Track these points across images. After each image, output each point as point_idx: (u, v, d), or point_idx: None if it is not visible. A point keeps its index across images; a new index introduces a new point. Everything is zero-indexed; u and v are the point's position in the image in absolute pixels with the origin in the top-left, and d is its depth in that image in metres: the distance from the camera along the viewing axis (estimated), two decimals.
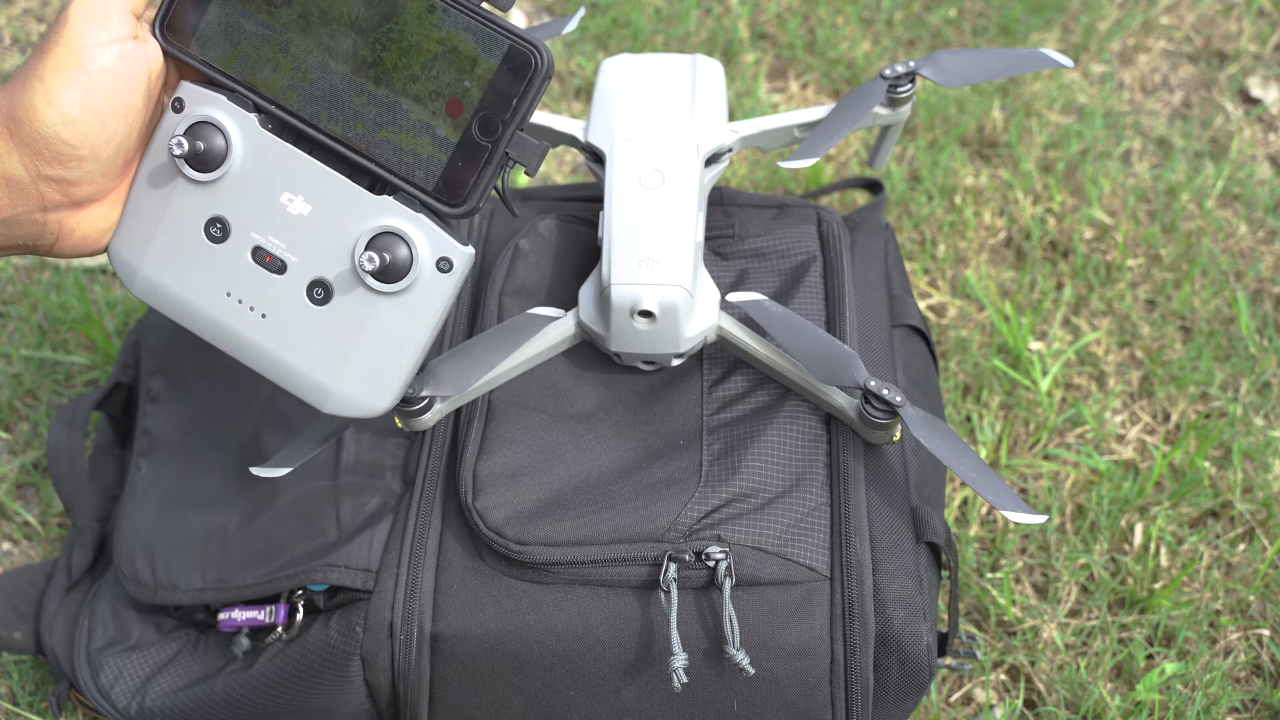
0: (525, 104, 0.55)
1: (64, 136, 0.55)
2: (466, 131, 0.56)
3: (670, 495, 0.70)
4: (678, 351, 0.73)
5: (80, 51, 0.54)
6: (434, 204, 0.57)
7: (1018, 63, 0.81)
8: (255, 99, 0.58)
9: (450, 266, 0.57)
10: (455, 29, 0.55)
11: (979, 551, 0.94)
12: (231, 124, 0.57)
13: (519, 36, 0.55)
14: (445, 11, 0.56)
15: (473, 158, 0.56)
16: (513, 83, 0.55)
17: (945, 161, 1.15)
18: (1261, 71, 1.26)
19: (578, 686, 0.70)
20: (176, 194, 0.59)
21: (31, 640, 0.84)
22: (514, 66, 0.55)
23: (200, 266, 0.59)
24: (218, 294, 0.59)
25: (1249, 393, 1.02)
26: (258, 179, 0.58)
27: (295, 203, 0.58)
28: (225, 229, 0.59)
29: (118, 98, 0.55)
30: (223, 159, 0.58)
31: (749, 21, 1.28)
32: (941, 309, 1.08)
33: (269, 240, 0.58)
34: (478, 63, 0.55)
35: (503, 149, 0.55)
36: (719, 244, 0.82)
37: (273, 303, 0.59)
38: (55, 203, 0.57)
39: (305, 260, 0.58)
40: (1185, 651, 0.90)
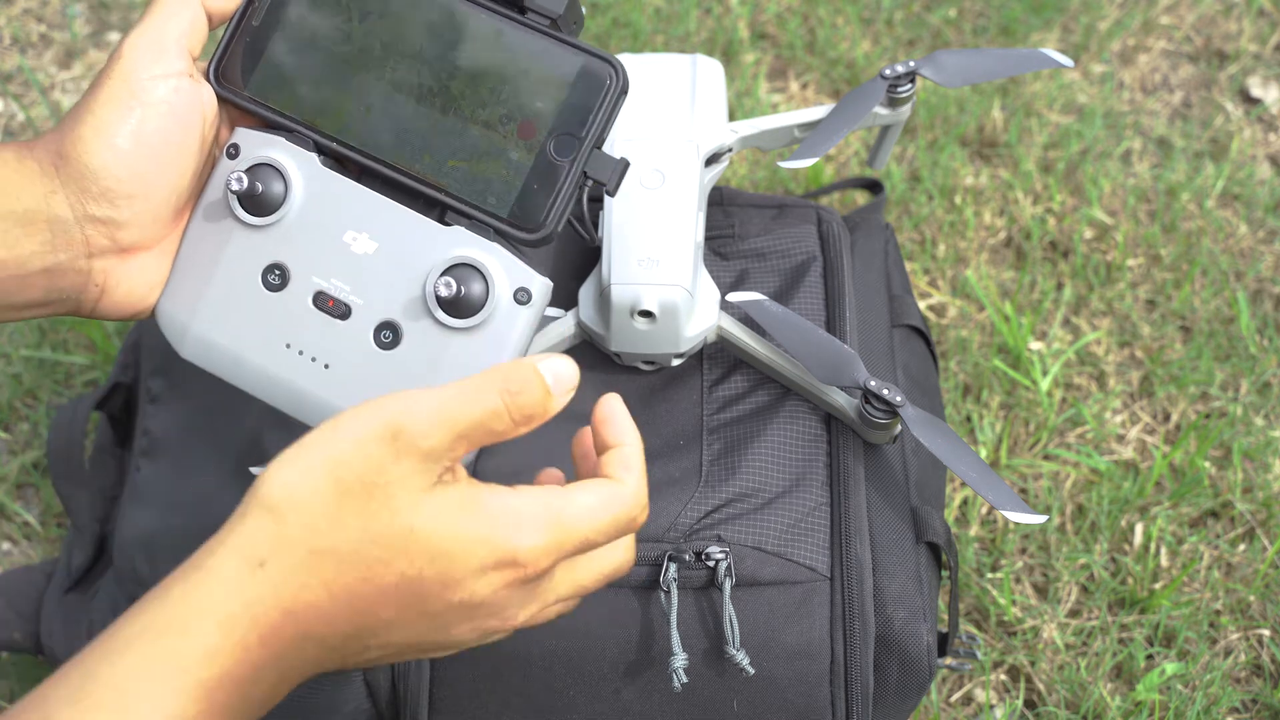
0: (603, 119, 0.53)
1: (113, 170, 0.52)
2: (541, 153, 0.53)
3: (670, 495, 0.70)
4: (678, 351, 0.73)
5: (134, 83, 0.52)
6: (509, 231, 0.54)
7: (1018, 63, 0.81)
8: (315, 138, 0.55)
9: (529, 298, 0.54)
10: (526, 50, 0.53)
11: (979, 551, 0.94)
12: (291, 164, 0.55)
13: (592, 52, 0.53)
14: (513, 33, 0.54)
15: (548, 180, 0.53)
16: (588, 99, 0.53)
17: (945, 161, 1.15)
18: (1262, 71, 1.26)
19: (578, 686, 0.70)
20: (231, 242, 0.55)
21: (31, 641, 0.84)
22: (588, 82, 0.53)
23: (257, 318, 0.55)
24: (276, 346, 0.55)
25: (1249, 393, 1.02)
26: (319, 219, 0.55)
27: (359, 241, 0.54)
28: (284, 275, 0.55)
29: (172, 133, 0.53)
30: (281, 202, 0.55)
31: (749, 21, 1.28)
32: (941, 309, 1.08)
33: (332, 284, 0.55)
34: (550, 82, 0.53)
35: (580, 168, 0.53)
36: (719, 244, 0.82)
37: (337, 351, 0.55)
38: (101, 248, 0.53)
39: (372, 302, 0.54)
40: (1185, 652, 0.90)
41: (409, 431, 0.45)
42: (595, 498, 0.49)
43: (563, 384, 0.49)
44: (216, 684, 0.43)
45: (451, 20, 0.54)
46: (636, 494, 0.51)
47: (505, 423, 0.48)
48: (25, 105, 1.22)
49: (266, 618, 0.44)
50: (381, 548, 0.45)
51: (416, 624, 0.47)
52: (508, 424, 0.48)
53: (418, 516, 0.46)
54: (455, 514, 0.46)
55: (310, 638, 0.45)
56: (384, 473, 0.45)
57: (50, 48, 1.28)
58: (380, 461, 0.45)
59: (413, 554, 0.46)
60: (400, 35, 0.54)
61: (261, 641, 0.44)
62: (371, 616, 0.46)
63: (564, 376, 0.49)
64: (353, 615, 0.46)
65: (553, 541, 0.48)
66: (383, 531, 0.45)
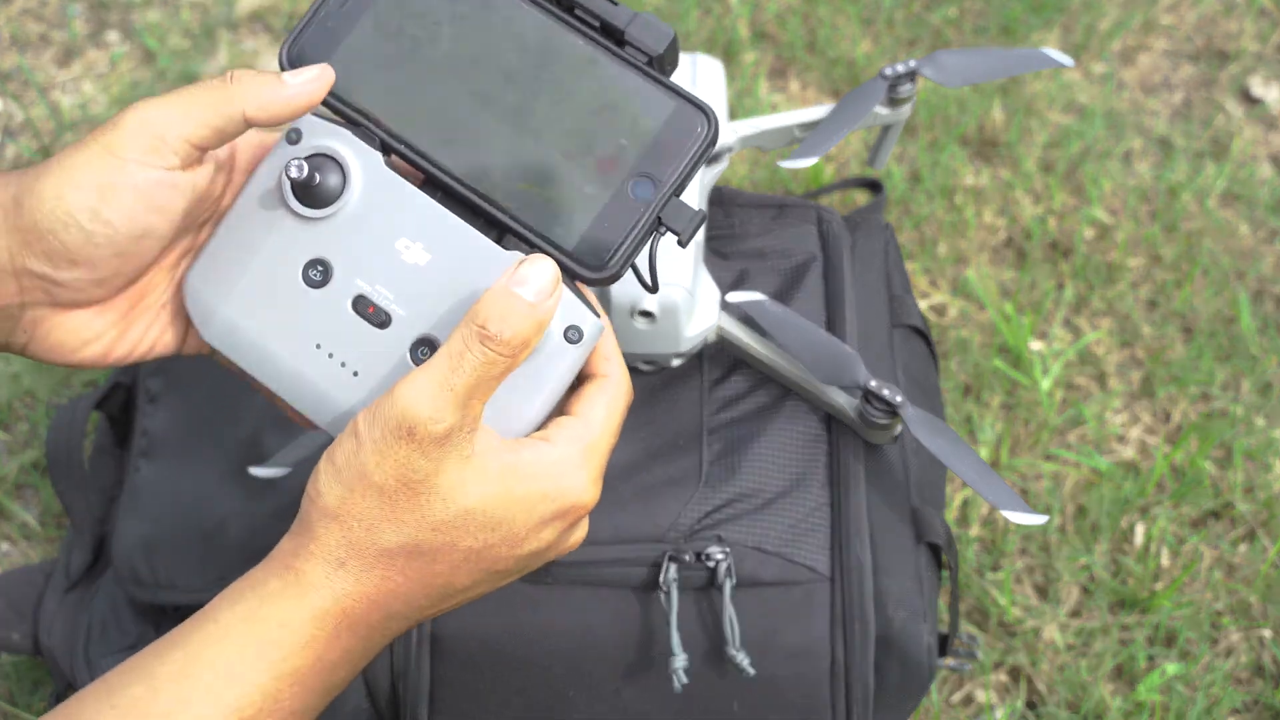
0: (687, 168, 0.50)
1: (62, 237, 0.48)
2: (618, 192, 0.51)
3: (670, 495, 0.70)
4: (678, 351, 0.73)
5: (114, 159, 0.48)
6: (571, 266, 0.51)
7: (1018, 62, 0.81)
8: (384, 137, 0.52)
9: (579, 337, 0.51)
10: (618, 84, 0.51)
11: (979, 552, 0.94)
12: (353, 159, 0.52)
13: (687, 97, 0.51)
14: (608, 65, 0.51)
15: (621, 221, 0.50)
16: (676, 144, 0.50)
17: (945, 161, 1.15)
18: (1263, 71, 1.26)
19: (578, 687, 0.70)
20: (277, 230, 0.52)
21: (30, 641, 0.84)
22: (679, 128, 0.50)
23: (291, 312, 0.53)
24: (306, 345, 0.52)
25: (1250, 393, 1.02)
26: (374, 221, 0.52)
27: (412, 250, 0.51)
28: (327, 272, 0.52)
29: (139, 217, 0.49)
30: (336, 196, 0.52)
31: (749, 21, 1.28)
32: (942, 309, 1.08)
33: (375, 289, 0.52)
34: (639, 120, 0.51)
35: (654, 213, 0.50)
36: (719, 244, 0.82)
37: (369, 359, 0.52)
38: (35, 300, 0.50)
39: (414, 315, 0.51)
40: (1186, 652, 0.90)
41: (420, 423, 0.46)
42: (602, 406, 0.52)
43: (542, 290, 0.48)
44: (310, 669, 0.48)
45: (548, 40, 0.52)
46: (624, 378, 0.53)
47: (504, 363, 0.47)
48: (24, 105, 1.22)
49: (355, 609, 0.48)
50: (444, 533, 0.48)
51: (490, 579, 0.51)
52: (507, 362, 0.48)
53: (468, 497, 0.48)
54: (503, 483, 0.48)
55: (394, 616, 0.49)
56: (418, 469, 0.47)
57: (49, 47, 1.28)
58: (409, 461, 0.47)
59: (475, 529, 0.48)
60: (491, 45, 0.52)
61: (351, 629, 0.48)
62: (449, 586, 0.50)
63: (540, 281, 0.48)
64: (430, 591, 0.49)
65: (594, 470, 0.51)
66: (441, 519, 0.48)
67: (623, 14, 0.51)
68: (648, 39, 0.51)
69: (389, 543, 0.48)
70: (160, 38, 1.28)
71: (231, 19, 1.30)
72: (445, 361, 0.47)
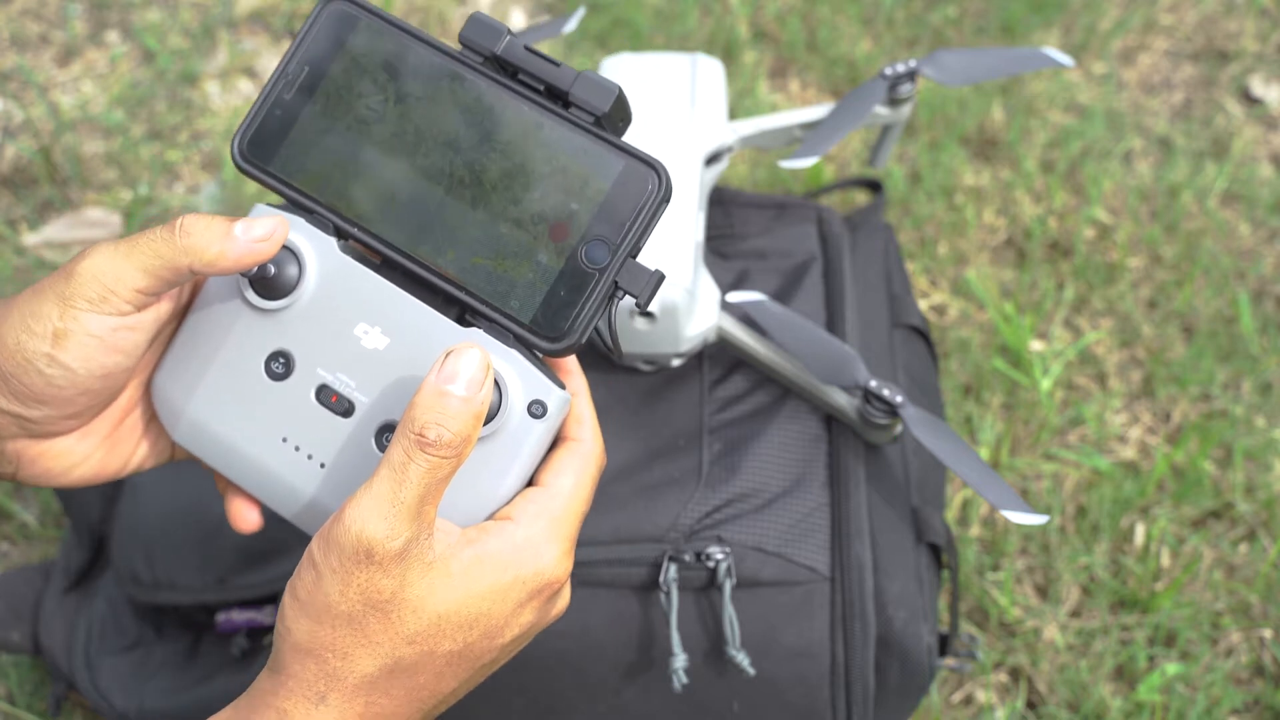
0: (640, 229, 0.49)
1: (23, 380, 0.48)
2: (571, 258, 0.50)
3: (670, 495, 0.70)
4: (678, 351, 0.73)
5: (68, 308, 0.48)
6: (529, 338, 0.50)
7: (1018, 62, 0.81)
8: (337, 221, 0.52)
9: (543, 411, 0.50)
10: (565, 147, 0.50)
11: (980, 552, 0.94)
12: (307, 247, 0.51)
13: (636, 155, 0.50)
14: (554, 128, 0.50)
15: (577, 287, 0.49)
16: (627, 205, 0.49)
17: (946, 161, 1.15)
18: (1263, 71, 1.26)
19: (578, 687, 0.69)
20: (237, 325, 0.52)
21: (29, 641, 0.83)
22: (629, 187, 0.49)
23: (256, 407, 0.52)
24: (271, 439, 0.52)
25: (1250, 393, 1.02)
26: (331, 308, 0.52)
27: (371, 335, 0.51)
28: (289, 364, 0.52)
29: (97, 359, 0.49)
30: (293, 286, 0.51)
31: (749, 21, 1.28)
32: (942, 309, 1.08)
33: (337, 378, 0.51)
34: (588, 183, 0.50)
35: (611, 277, 0.49)
36: (719, 244, 0.82)
37: (334, 449, 0.52)
38: (12, 434, 0.51)
39: (377, 401, 0.51)
40: (1187, 652, 0.90)
41: (376, 543, 0.45)
42: (571, 474, 0.51)
43: (473, 380, 0.47)
44: None
45: (493, 108, 0.51)
46: (595, 444, 0.52)
47: (449, 464, 0.46)
48: (24, 105, 1.22)
49: None
50: (421, 644, 0.47)
51: (478, 674, 0.50)
52: (452, 463, 0.46)
53: (439, 603, 0.47)
54: (471, 578, 0.47)
55: None
56: (382, 589, 0.46)
57: (49, 47, 1.28)
58: (372, 582, 0.46)
59: (451, 632, 0.47)
60: (438, 119, 0.51)
61: None
62: (436, 694, 0.49)
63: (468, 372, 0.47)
64: (419, 702, 0.48)
65: (565, 542, 0.50)
66: (415, 631, 0.47)
67: (566, 75, 0.50)
68: (592, 98, 0.50)
69: (367, 669, 0.46)
70: (160, 38, 1.28)
71: (231, 19, 1.30)
72: (389, 475, 0.45)
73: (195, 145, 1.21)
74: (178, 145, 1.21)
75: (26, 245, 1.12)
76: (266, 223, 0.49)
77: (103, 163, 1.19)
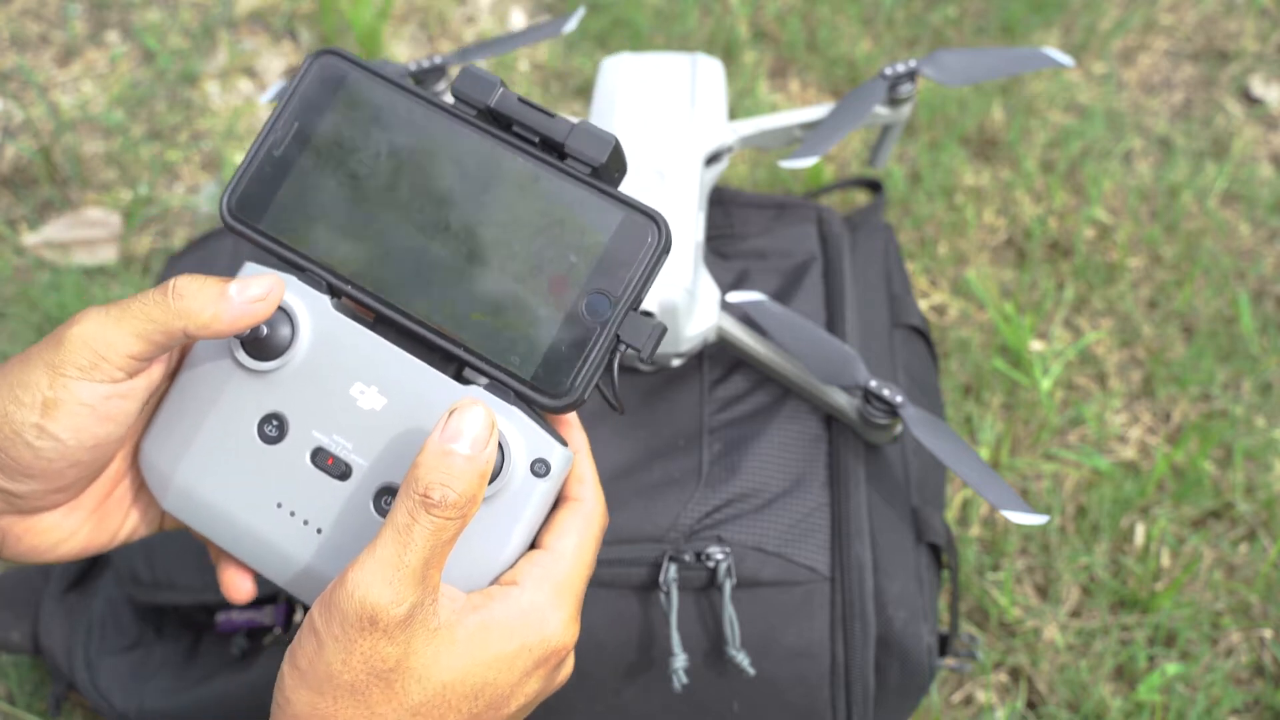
0: (641, 281, 0.48)
1: (10, 453, 0.47)
2: (572, 311, 0.48)
3: (670, 495, 0.70)
4: (678, 351, 0.73)
5: (58, 376, 0.46)
6: (531, 395, 0.48)
7: (1018, 62, 0.81)
8: (330, 279, 0.50)
9: (546, 470, 0.48)
10: (562, 200, 0.49)
11: (980, 552, 0.94)
12: (300, 306, 0.50)
13: (635, 206, 0.49)
14: (550, 180, 0.49)
15: (578, 342, 0.48)
16: (627, 257, 0.48)
17: (946, 161, 1.15)
18: (1263, 71, 1.26)
19: (578, 687, 0.69)
20: (229, 387, 0.51)
21: (29, 641, 0.83)
22: (629, 239, 0.48)
23: (248, 472, 0.50)
24: (266, 505, 0.50)
25: (1250, 393, 1.02)
26: (326, 368, 0.50)
27: (367, 395, 0.49)
28: (283, 426, 0.50)
29: (88, 429, 0.47)
30: (287, 346, 0.50)
31: (749, 21, 1.28)
32: (942, 309, 1.08)
33: (333, 440, 0.50)
34: (587, 235, 0.49)
35: (612, 331, 0.48)
36: (719, 244, 0.82)
37: (331, 514, 0.50)
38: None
39: (375, 463, 0.49)
40: (1187, 652, 0.90)
41: (381, 609, 0.43)
42: (574, 535, 0.49)
43: (478, 439, 0.45)
44: None
45: (488, 161, 0.50)
46: (598, 503, 0.50)
47: (454, 525, 0.45)
48: (24, 105, 1.22)
49: None
50: (426, 715, 0.45)
51: None
52: (457, 524, 0.45)
53: (444, 671, 0.45)
54: (477, 646, 0.46)
55: None
56: (386, 657, 0.44)
57: (49, 47, 1.28)
58: (376, 651, 0.44)
59: (457, 702, 0.46)
60: (431, 173, 0.50)
61: None
62: None
63: (473, 430, 0.45)
64: None
65: (571, 608, 0.48)
66: (420, 701, 0.45)
67: (561, 126, 0.49)
68: (589, 149, 0.49)
69: None
70: (160, 37, 1.28)
71: (231, 19, 1.30)
72: (394, 537, 0.44)
73: (195, 145, 1.21)
74: (178, 145, 1.21)
75: (26, 245, 1.12)
76: (262, 282, 0.48)
77: (103, 163, 1.19)
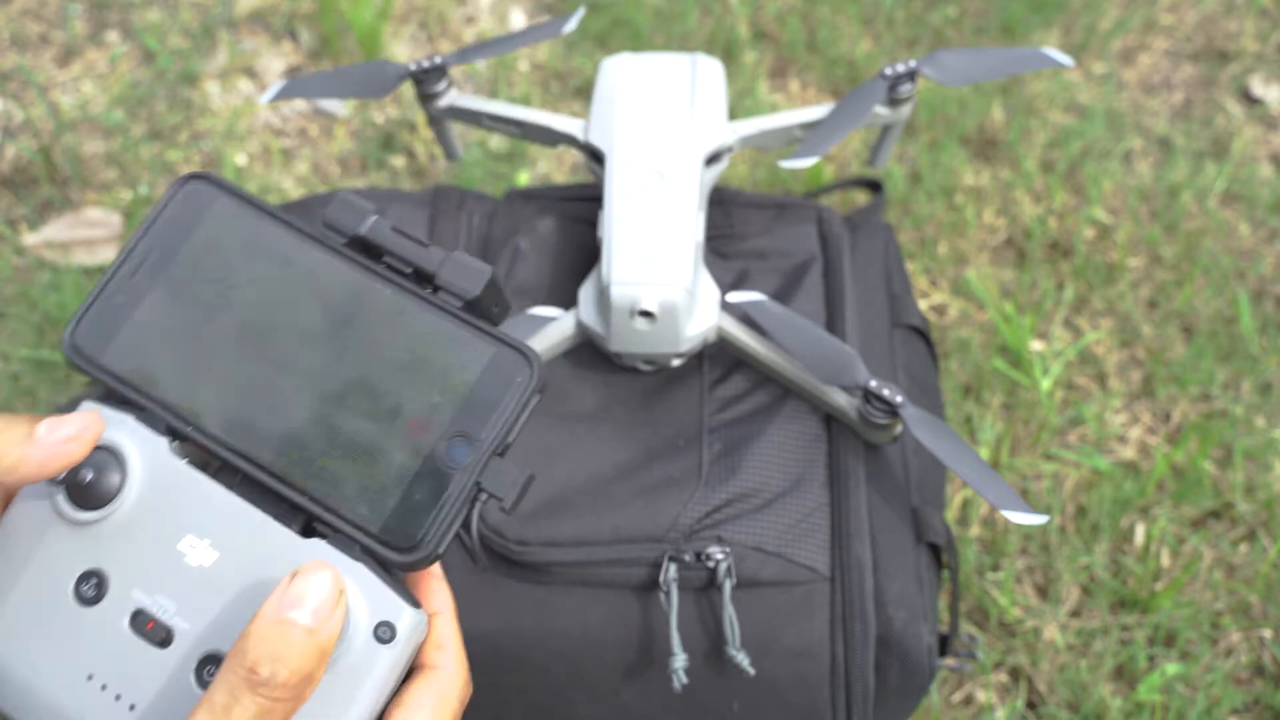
0: (506, 423, 0.44)
1: None
2: (430, 457, 0.44)
3: (670, 495, 0.70)
4: (678, 351, 0.73)
5: None
6: (377, 550, 0.43)
7: (1018, 62, 0.81)
8: (169, 419, 0.46)
9: (391, 635, 0.43)
10: (430, 334, 0.45)
11: (980, 552, 0.94)
12: (133, 449, 0.45)
13: (506, 341, 0.45)
14: (418, 314, 0.46)
15: (435, 490, 0.44)
16: (495, 397, 0.44)
17: (946, 161, 1.15)
18: (1263, 71, 1.26)
19: (578, 688, 0.69)
20: (46, 540, 0.45)
21: None
22: (498, 378, 0.45)
23: (59, 639, 0.44)
24: (75, 678, 0.44)
25: (1250, 393, 1.02)
26: (155, 518, 0.45)
27: (198, 550, 0.44)
28: (101, 586, 0.44)
29: None
30: (114, 493, 0.44)
31: (749, 21, 1.28)
32: (942, 309, 1.08)
33: (155, 600, 0.44)
34: (453, 373, 0.45)
35: (474, 479, 0.44)
36: (719, 243, 0.82)
37: (147, 688, 0.44)
38: None
39: (200, 628, 0.43)
40: (1187, 652, 0.90)
41: None
42: (425, 710, 0.43)
43: (322, 608, 0.40)
44: None
45: (353, 294, 0.46)
46: (458, 671, 0.45)
47: (284, 708, 0.39)
48: (24, 105, 1.22)
49: None
50: None
51: None
52: (288, 705, 0.39)
53: None
54: None
55: None
56: None
57: (49, 47, 1.28)
58: None
59: None
60: (292, 307, 0.46)
61: None
62: None
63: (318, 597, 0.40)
64: None
65: None
66: None
67: (434, 256, 0.46)
68: (461, 281, 0.46)
69: None
70: (160, 38, 1.28)
71: (231, 19, 1.30)
72: (207, 712, 0.38)
73: (195, 145, 1.21)
74: (178, 145, 1.21)
75: (26, 245, 1.12)
76: (75, 420, 0.43)
77: (103, 163, 1.19)
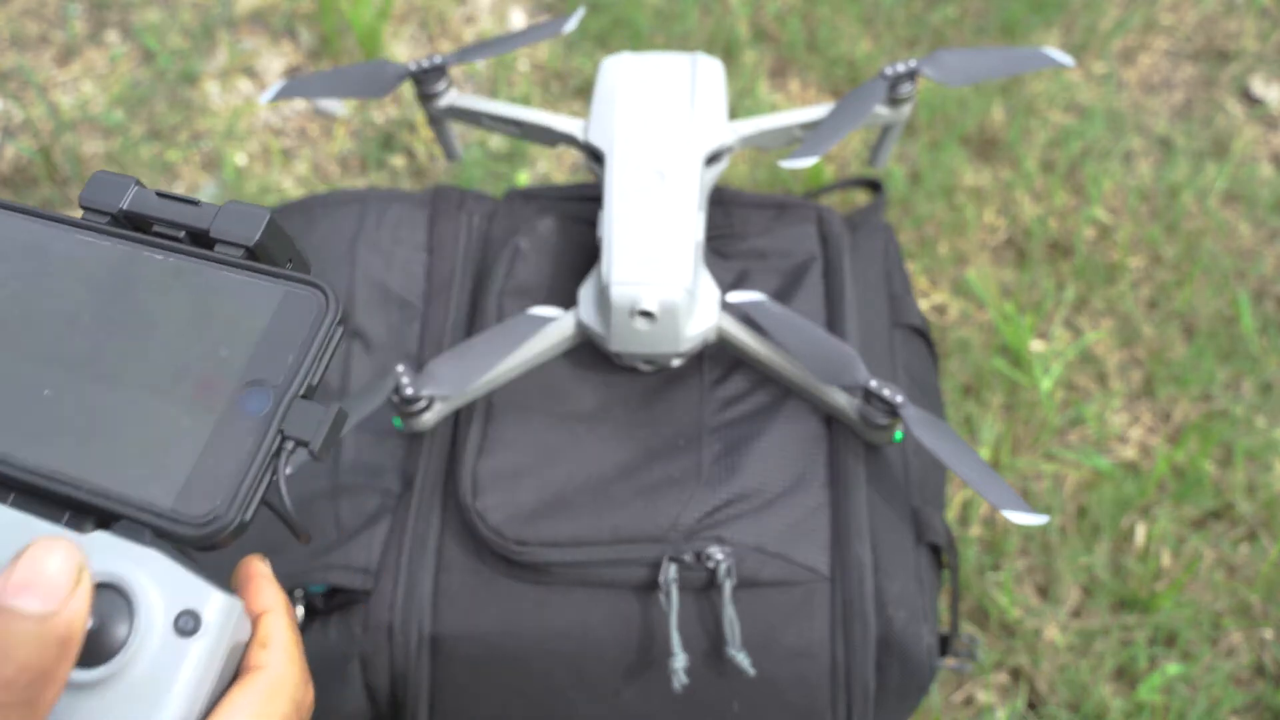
0: (310, 362, 0.40)
1: None
2: (225, 415, 0.40)
3: (670, 495, 0.70)
4: (678, 351, 0.73)
5: None
6: (173, 530, 0.39)
7: (1019, 62, 0.81)
8: None
9: (195, 625, 0.38)
10: (211, 291, 0.42)
11: (980, 552, 0.94)
12: None
13: (294, 278, 0.42)
14: (196, 273, 0.42)
15: (232, 450, 0.39)
16: (290, 338, 0.41)
17: (946, 161, 1.15)
18: (1263, 71, 1.25)
19: (578, 688, 0.69)
20: None
21: None
22: (291, 318, 0.41)
23: None
24: None
25: (1251, 393, 1.02)
26: None
27: None
28: None
29: None
30: None
31: (749, 21, 1.28)
32: (942, 309, 1.08)
33: None
34: (241, 323, 0.41)
35: (275, 427, 0.39)
36: (719, 243, 0.82)
37: None
38: None
39: None
40: (1187, 653, 0.90)
41: None
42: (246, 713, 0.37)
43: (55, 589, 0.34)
44: None
45: (122, 268, 0.43)
46: (289, 670, 0.39)
47: (13, 712, 0.33)
48: (24, 105, 1.22)
49: None
50: None
51: None
52: (19, 711, 0.33)
53: None
54: None
55: None
56: None
57: (49, 47, 1.28)
58: None
59: None
60: (45, 300, 0.43)
61: None
62: None
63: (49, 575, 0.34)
64: None
65: None
66: None
67: (206, 212, 0.43)
68: (237, 230, 0.43)
69: None
70: (160, 38, 1.28)
71: (231, 19, 1.30)
72: None
73: (195, 145, 1.21)
74: (177, 145, 1.21)
75: None
76: None
77: (103, 162, 1.19)
